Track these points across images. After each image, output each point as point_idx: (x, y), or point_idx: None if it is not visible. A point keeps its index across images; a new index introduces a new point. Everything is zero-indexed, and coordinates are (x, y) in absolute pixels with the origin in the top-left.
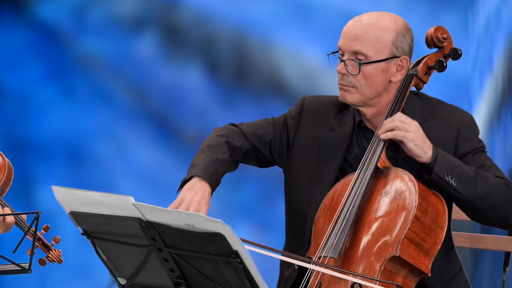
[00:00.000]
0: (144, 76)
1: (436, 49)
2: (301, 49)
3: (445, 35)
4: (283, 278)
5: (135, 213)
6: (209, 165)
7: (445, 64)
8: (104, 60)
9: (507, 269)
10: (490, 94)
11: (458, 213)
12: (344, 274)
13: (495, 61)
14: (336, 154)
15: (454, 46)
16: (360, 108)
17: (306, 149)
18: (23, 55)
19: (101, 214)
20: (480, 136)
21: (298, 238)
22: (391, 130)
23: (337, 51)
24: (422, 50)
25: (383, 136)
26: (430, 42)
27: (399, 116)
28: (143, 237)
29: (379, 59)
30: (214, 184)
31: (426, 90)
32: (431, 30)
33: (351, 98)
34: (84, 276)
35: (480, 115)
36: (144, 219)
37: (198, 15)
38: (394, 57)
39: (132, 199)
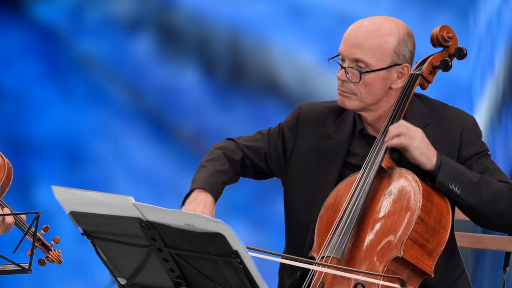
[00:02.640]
0: (141, 76)
1: (441, 48)
2: (296, 50)
3: (450, 34)
4: (284, 287)
5: (135, 213)
6: (209, 177)
7: (450, 63)
8: (101, 60)
9: (507, 269)
10: (491, 94)
11: (458, 213)
12: (346, 272)
13: (496, 61)
14: (334, 163)
15: (461, 48)
16: (360, 113)
17: (305, 159)
18: (21, 55)
19: (101, 214)
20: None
21: (300, 248)
22: (397, 136)
23: (337, 55)
24: (418, 51)
25: (389, 143)
26: (435, 41)
27: (404, 122)
28: (143, 237)
29: (380, 67)
30: (215, 194)
31: (428, 90)
32: (436, 29)
33: (350, 104)
34: (83, 276)
35: (481, 115)
36: (144, 219)
37: (194, 16)
38: (395, 64)
39: (132, 199)
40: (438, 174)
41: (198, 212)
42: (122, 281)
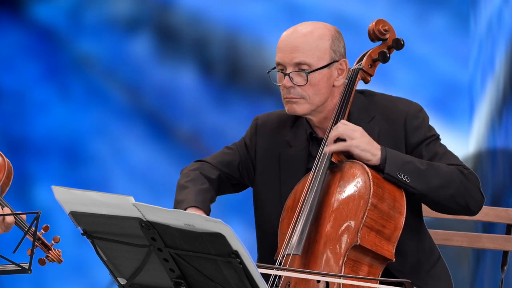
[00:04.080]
0: (139, 76)
1: (380, 42)
2: None
3: (386, 27)
4: None
5: (135, 213)
6: (197, 195)
7: (388, 55)
8: (99, 61)
9: (505, 268)
10: (492, 94)
11: None
12: (308, 274)
13: (497, 62)
14: (297, 169)
15: (398, 39)
16: (308, 116)
17: (267, 168)
18: (19, 55)
19: (101, 214)
20: (482, 137)
21: (271, 255)
22: (335, 141)
23: (274, 68)
24: (411, 51)
25: (329, 149)
26: (372, 36)
27: (343, 123)
28: (143, 237)
29: (322, 65)
30: (207, 212)
31: (429, 90)
32: (372, 24)
33: (301, 108)
34: (83, 276)
35: (482, 115)
36: (144, 219)
37: (192, 16)
38: (334, 61)
39: (132, 199)
40: (385, 167)
41: None
42: (122, 281)
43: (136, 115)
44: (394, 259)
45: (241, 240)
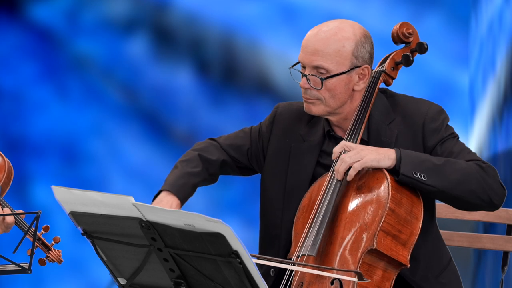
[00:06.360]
0: (136, 76)
1: (403, 45)
2: (288, 50)
3: (410, 30)
4: None
5: (135, 213)
6: (179, 179)
7: (411, 58)
8: (97, 61)
9: (505, 268)
10: (493, 95)
11: (457, 213)
12: (321, 270)
13: (498, 62)
14: (307, 165)
15: (422, 42)
16: (326, 117)
17: (277, 158)
18: (17, 55)
19: (101, 214)
20: (483, 137)
21: (273, 246)
22: (347, 168)
23: (297, 63)
24: None
25: (349, 178)
26: (396, 39)
27: (343, 146)
28: (143, 237)
29: (340, 72)
30: (183, 196)
31: (430, 90)
32: (396, 26)
33: (316, 109)
34: (82, 275)
35: (483, 116)
36: (144, 219)
37: (188, 17)
38: (355, 67)
39: (132, 199)
40: (400, 167)
41: None
42: (122, 281)
43: (133, 115)
44: (408, 265)
45: (241, 240)
